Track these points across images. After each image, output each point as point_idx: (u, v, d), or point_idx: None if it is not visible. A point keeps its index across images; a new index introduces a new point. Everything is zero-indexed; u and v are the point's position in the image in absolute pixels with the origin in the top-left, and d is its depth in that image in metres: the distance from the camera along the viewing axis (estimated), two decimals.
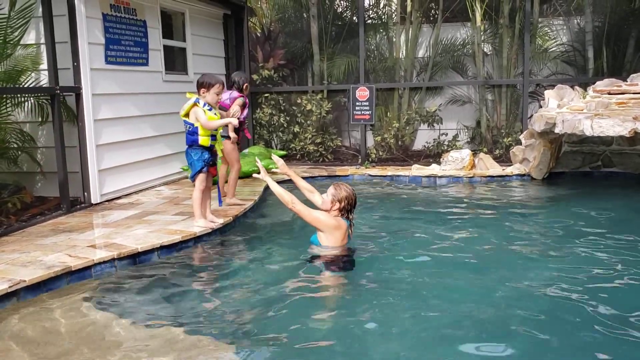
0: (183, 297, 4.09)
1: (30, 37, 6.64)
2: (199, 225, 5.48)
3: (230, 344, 3.28)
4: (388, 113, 10.39)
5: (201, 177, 5.47)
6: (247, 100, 6.88)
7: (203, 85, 5.41)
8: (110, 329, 3.55)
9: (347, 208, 4.88)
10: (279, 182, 5.13)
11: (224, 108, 6.32)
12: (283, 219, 6.27)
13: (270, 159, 9.22)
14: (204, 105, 5.37)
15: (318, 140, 10.18)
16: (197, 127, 5.36)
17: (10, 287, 3.94)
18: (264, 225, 6.19)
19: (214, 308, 3.87)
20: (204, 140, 5.40)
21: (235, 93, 6.71)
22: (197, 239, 5.38)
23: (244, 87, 6.83)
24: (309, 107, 10.13)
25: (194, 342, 3.31)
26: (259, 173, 5.02)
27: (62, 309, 3.88)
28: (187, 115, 5.42)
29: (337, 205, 4.84)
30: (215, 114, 5.44)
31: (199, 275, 4.61)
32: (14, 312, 3.82)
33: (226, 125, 6.06)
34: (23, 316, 3.76)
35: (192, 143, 5.45)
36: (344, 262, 4.70)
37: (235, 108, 6.29)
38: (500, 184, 8.14)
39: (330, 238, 4.83)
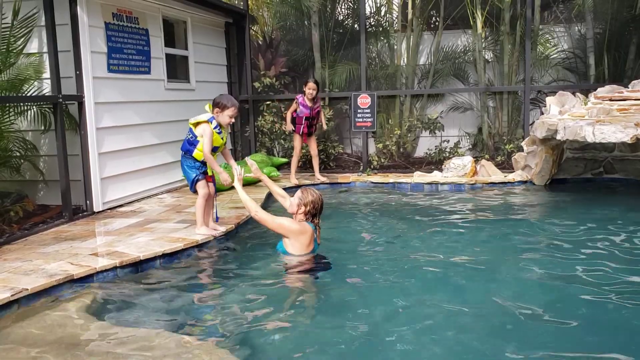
0: (185, 306, 4.08)
1: (33, 46, 6.67)
2: (201, 233, 5.48)
3: (230, 353, 3.27)
4: (390, 120, 10.40)
5: (201, 184, 5.48)
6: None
7: (218, 105, 5.34)
8: (111, 337, 3.54)
9: (313, 212, 4.97)
10: (284, 189, 5.21)
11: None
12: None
13: (272, 166, 9.28)
14: (215, 126, 5.35)
15: (320, 148, 10.18)
16: (198, 141, 5.37)
17: (12, 295, 3.93)
18: (266, 232, 6.17)
19: (216, 317, 3.86)
20: (197, 154, 5.42)
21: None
22: (199, 247, 5.38)
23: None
24: None
25: (195, 350, 3.30)
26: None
27: (63, 317, 3.87)
28: (196, 125, 5.40)
29: (303, 208, 4.95)
30: (222, 137, 5.45)
31: (200, 284, 4.61)
32: (16, 320, 3.81)
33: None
34: (24, 324, 3.75)
35: (187, 152, 5.47)
36: (316, 268, 4.74)
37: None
38: (502, 191, 8.13)
39: (295, 244, 4.88)
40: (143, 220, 6.36)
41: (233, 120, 5.48)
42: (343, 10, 11.36)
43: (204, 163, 5.49)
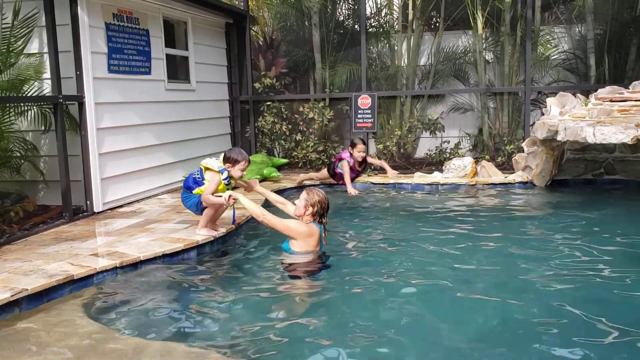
0: (184, 307, 4.07)
1: (33, 46, 6.67)
2: (201, 234, 5.48)
3: (229, 357, 3.26)
4: (390, 121, 10.40)
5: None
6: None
7: (229, 160, 5.35)
8: (110, 338, 3.53)
9: (320, 212, 4.95)
10: (279, 191, 5.19)
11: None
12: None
13: (272, 166, 9.27)
14: (226, 178, 5.37)
15: (320, 149, 10.18)
16: (204, 183, 5.37)
17: (12, 295, 3.93)
18: (267, 232, 6.17)
19: (215, 318, 3.85)
20: (198, 191, 5.42)
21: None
22: (200, 247, 5.37)
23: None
24: (311, 115, 10.14)
25: (193, 354, 3.30)
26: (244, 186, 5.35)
27: (63, 318, 3.87)
28: (207, 169, 5.39)
29: (310, 210, 4.92)
30: (229, 187, 5.48)
31: (200, 284, 4.59)
32: (16, 321, 3.81)
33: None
34: (24, 325, 3.75)
35: (189, 188, 5.49)
36: (317, 268, 4.72)
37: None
38: (502, 192, 8.12)
39: (302, 245, 4.89)
40: (143, 220, 6.36)
41: (245, 173, 5.47)
42: (343, 10, 11.37)
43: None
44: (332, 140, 10.35)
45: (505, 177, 8.59)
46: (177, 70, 8.81)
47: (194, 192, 5.44)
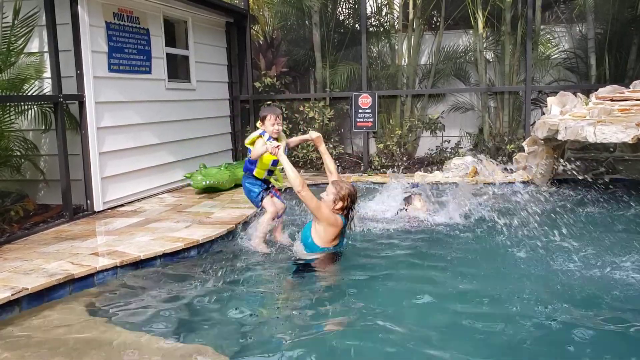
0: (185, 306, 4.07)
1: (33, 46, 6.67)
2: (257, 250, 5.32)
3: (230, 356, 3.26)
4: (390, 120, 10.39)
5: (267, 202, 5.40)
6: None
7: (260, 119, 5.32)
8: (110, 337, 3.54)
9: (349, 205, 4.85)
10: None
11: None
12: (284, 224, 6.28)
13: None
14: (268, 138, 5.22)
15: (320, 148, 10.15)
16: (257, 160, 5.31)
17: (12, 295, 3.93)
18: (270, 232, 6.17)
19: (216, 317, 3.85)
20: (258, 172, 5.37)
21: None
22: (200, 247, 5.37)
23: None
24: (311, 114, 10.13)
25: (193, 352, 3.30)
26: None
27: (63, 316, 3.87)
28: (252, 143, 5.33)
29: (340, 204, 4.83)
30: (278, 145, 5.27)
31: (201, 284, 4.59)
32: (16, 320, 3.81)
33: None
34: (25, 324, 3.75)
35: (247, 171, 5.44)
36: (330, 268, 4.69)
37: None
38: (503, 191, 8.10)
39: (322, 234, 4.82)
40: (143, 220, 6.36)
41: (278, 127, 5.29)
42: (344, 10, 11.36)
43: (265, 181, 5.47)
44: (332, 139, 10.34)
45: (506, 176, 8.58)
46: (178, 69, 8.80)
47: (255, 173, 5.37)
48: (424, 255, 5.14)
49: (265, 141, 5.15)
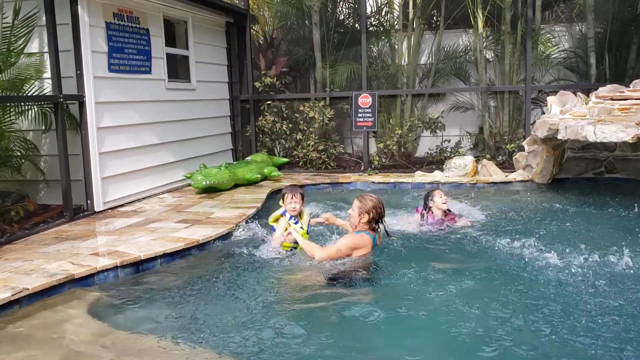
0: (185, 306, 4.07)
1: (33, 46, 6.67)
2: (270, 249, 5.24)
3: (229, 356, 3.26)
4: (391, 120, 10.39)
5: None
6: None
7: (281, 197, 5.30)
8: (110, 336, 3.54)
9: (376, 218, 4.70)
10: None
11: None
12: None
13: (273, 166, 9.28)
14: (290, 218, 5.19)
15: (321, 148, 10.18)
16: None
17: (13, 295, 3.93)
18: (267, 232, 6.16)
19: (216, 318, 3.85)
20: (284, 247, 5.20)
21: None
22: (200, 247, 5.38)
23: None
24: (311, 114, 10.14)
25: (192, 353, 3.30)
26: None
27: (63, 317, 3.87)
28: (275, 221, 5.30)
29: (366, 217, 4.69)
30: (302, 227, 5.18)
31: (201, 284, 4.59)
32: (16, 320, 3.81)
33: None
34: (25, 324, 3.75)
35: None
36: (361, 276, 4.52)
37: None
38: (503, 191, 8.12)
39: (355, 258, 4.69)
40: (144, 220, 6.36)
41: (296, 205, 5.21)
42: (344, 9, 11.36)
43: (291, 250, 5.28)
44: (332, 139, 10.34)
45: (506, 175, 8.59)
46: (178, 69, 8.81)
47: (281, 247, 5.22)
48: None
49: (288, 222, 5.16)
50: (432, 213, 6.15)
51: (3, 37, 6.32)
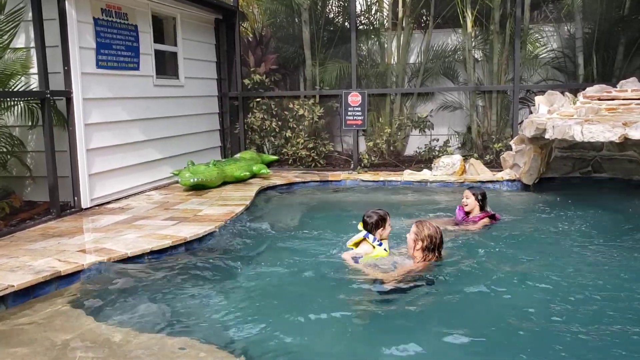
0: (172, 302, 4.06)
1: (20, 41, 6.61)
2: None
3: (218, 349, 3.25)
4: (380, 118, 10.41)
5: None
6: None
7: (380, 219, 4.75)
8: (98, 334, 3.52)
9: (430, 247, 4.42)
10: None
11: None
12: (273, 222, 6.29)
13: (261, 163, 9.26)
14: (374, 240, 4.74)
15: (310, 146, 10.17)
16: (361, 257, 4.77)
17: None
18: (256, 229, 6.17)
19: (203, 313, 3.85)
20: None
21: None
22: (188, 244, 5.35)
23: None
24: (301, 112, 10.13)
25: (181, 346, 3.30)
26: None
27: (50, 313, 3.84)
28: (356, 245, 4.84)
29: (420, 244, 4.45)
30: (385, 249, 4.76)
31: (188, 281, 4.58)
32: (2, 317, 3.78)
33: None
34: (11, 321, 3.72)
35: None
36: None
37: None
38: (490, 190, 8.15)
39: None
40: (131, 217, 6.33)
41: (388, 230, 4.83)
42: (334, 8, 11.35)
43: None
44: (322, 137, 10.34)
45: (494, 174, 8.63)
46: (166, 66, 8.76)
47: None
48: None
49: (371, 243, 4.72)
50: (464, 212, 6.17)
51: None
